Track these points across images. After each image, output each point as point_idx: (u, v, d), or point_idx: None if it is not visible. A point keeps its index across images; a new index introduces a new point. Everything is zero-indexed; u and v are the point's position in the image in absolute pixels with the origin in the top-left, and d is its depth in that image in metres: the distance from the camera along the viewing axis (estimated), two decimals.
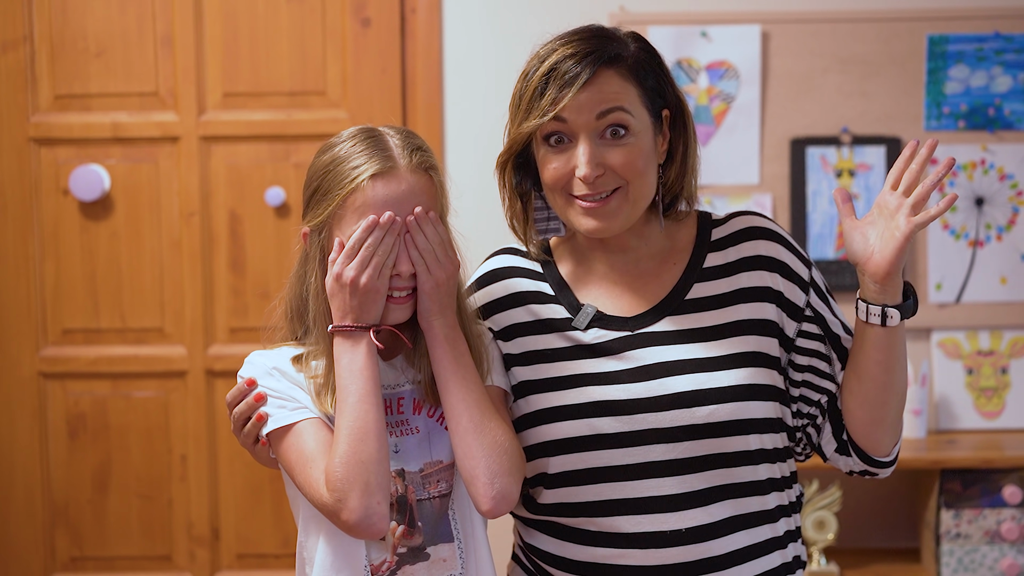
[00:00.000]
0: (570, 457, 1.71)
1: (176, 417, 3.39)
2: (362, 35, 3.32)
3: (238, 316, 3.37)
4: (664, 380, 1.71)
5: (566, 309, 1.78)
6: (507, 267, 1.84)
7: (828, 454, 1.81)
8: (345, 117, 3.31)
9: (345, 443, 1.62)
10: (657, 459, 1.69)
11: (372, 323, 1.66)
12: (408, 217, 1.66)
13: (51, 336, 3.39)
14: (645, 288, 1.77)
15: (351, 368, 1.65)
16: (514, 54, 3.23)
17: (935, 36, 3.25)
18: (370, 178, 1.65)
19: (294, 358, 1.73)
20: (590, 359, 1.74)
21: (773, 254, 1.77)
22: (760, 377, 1.72)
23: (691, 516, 1.70)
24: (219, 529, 3.41)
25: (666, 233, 1.79)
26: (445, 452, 1.72)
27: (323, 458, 1.64)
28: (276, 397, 1.70)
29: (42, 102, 3.36)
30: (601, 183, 1.69)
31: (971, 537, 3.10)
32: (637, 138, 1.69)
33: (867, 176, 3.29)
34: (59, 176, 3.36)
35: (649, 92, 1.72)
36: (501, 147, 1.75)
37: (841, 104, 3.28)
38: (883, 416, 1.74)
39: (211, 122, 3.35)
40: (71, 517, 3.40)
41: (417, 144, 1.71)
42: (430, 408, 1.73)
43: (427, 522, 1.71)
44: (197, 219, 3.35)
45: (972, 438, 3.25)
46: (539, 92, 1.69)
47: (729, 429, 1.70)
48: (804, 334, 1.77)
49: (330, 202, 1.67)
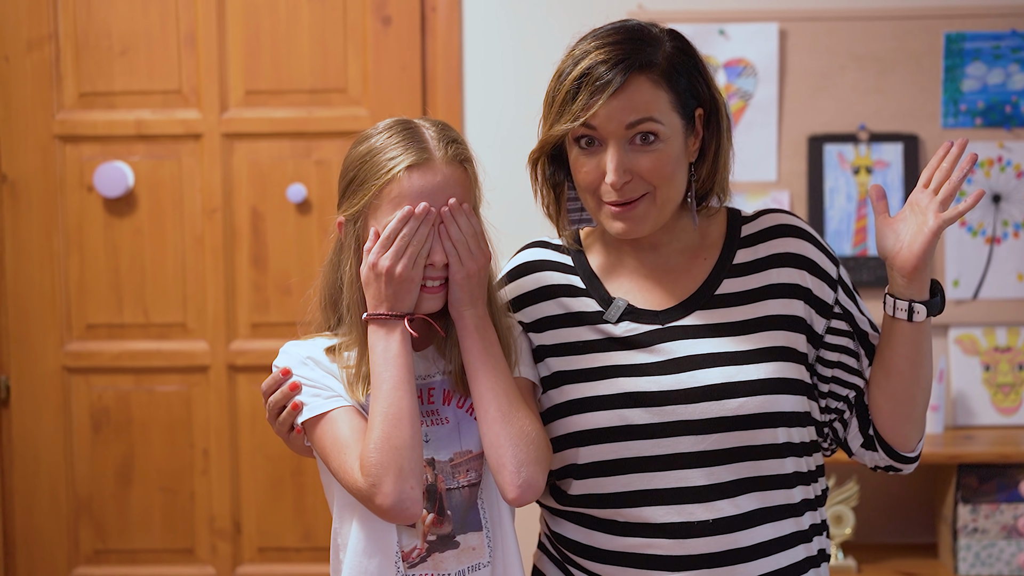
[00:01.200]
0: (600, 447, 1.73)
1: (198, 411, 3.40)
2: (383, 33, 3.32)
3: (260, 311, 3.38)
4: (694, 372, 1.72)
5: (597, 302, 1.79)
6: (538, 260, 1.85)
7: (854, 449, 1.83)
8: (365, 115, 3.31)
9: (380, 428, 1.64)
10: (686, 451, 1.71)
11: (406, 312, 1.68)
12: (442, 208, 1.68)
13: (75, 331, 3.40)
14: (675, 283, 1.79)
15: (386, 355, 1.66)
16: (534, 52, 3.34)
17: (952, 34, 3.25)
18: (406, 169, 1.67)
19: (328, 348, 1.74)
20: (621, 351, 1.75)
21: (802, 252, 1.79)
22: (788, 371, 1.74)
23: (718, 507, 1.71)
24: (240, 522, 3.42)
25: (696, 229, 1.81)
26: (474, 442, 1.73)
27: (357, 445, 1.66)
28: (311, 386, 1.72)
29: (67, 100, 3.37)
30: (629, 189, 1.71)
31: (988, 532, 3.10)
32: (666, 144, 1.71)
33: (884, 173, 3.28)
34: (83, 173, 3.37)
35: (682, 95, 1.72)
36: (521, 145, 1.78)
37: (858, 101, 3.28)
38: (910, 411, 1.76)
39: (233, 119, 3.36)
40: (95, 510, 3.42)
41: (452, 136, 1.72)
42: (460, 398, 1.74)
43: (456, 511, 1.72)
44: (219, 215, 3.36)
45: (989, 434, 3.25)
46: (571, 96, 1.70)
47: (758, 422, 1.71)
48: (833, 331, 1.79)
49: (366, 192, 1.69)
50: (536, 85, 3.34)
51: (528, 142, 1.79)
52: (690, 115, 1.74)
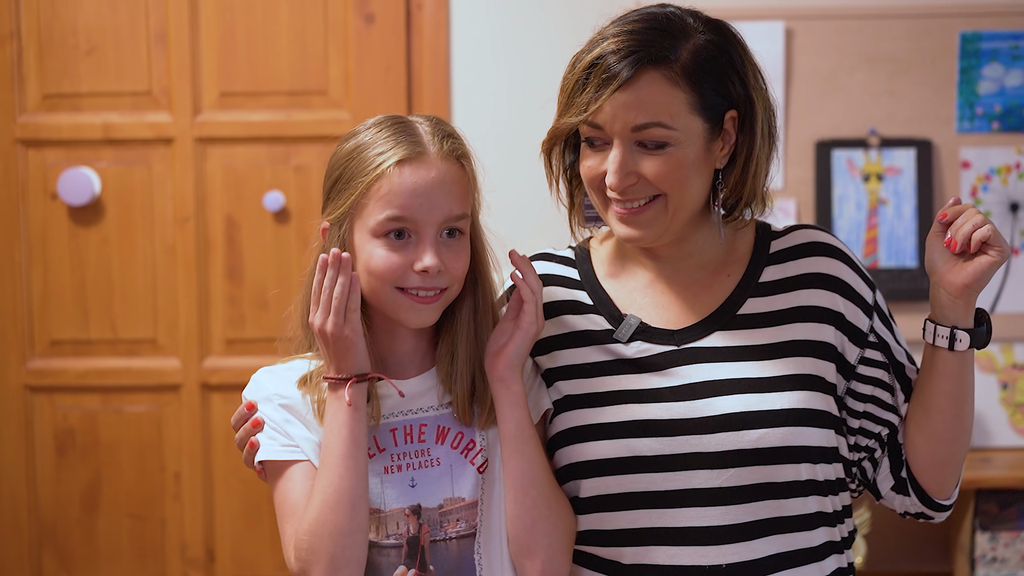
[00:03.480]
0: (604, 480, 1.63)
1: (170, 433, 3.36)
2: (365, 32, 3.30)
3: (235, 327, 3.34)
4: (711, 400, 1.62)
5: (606, 320, 1.69)
6: (541, 275, 1.74)
7: (883, 492, 1.73)
8: (347, 118, 3.29)
9: (316, 511, 1.54)
10: (700, 486, 1.61)
11: (353, 373, 1.55)
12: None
13: (38, 348, 3.36)
14: (694, 299, 1.69)
15: (332, 425, 1.55)
16: (525, 51, 3.33)
17: (968, 33, 3.20)
18: (396, 164, 1.56)
19: (301, 379, 1.61)
20: (631, 374, 1.65)
21: (836, 273, 1.69)
22: (815, 402, 1.64)
23: (733, 551, 1.61)
24: (214, 550, 3.37)
25: (721, 242, 1.71)
26: (468, 489, 1.60)
27: (296, 515, 1.56)
28: (271, 428, 1.61)
29: (30, 102, 3.34)
30: (633, 191, 1.62)
31: (1008, 561, 3.04)
32: (678, 148, 1.60)
33: (896, 180, 3.23)
34: (47, 179, 3.33)
35: (706, 95, 1.61)
36: (512, 148, 1.75)
37: (869, 104, 3.23)
38: (950, 454, 1.67)
39: (207, 123, 3.32)
40: (59, 537, 3.38)
41: (448, 131, 1.63)
42: (456, 438, 1.61)
43: (441, 565, 1.59)
44: (192, 225, 3.32)
45: (1008, 456, 3.19)
46: (580, 86, 1.62)
47: (780, 456, 1.61)
48: (867, 361, 1.69)
49: (352, 191, 1.57)
50: (527, 85, 3.38)
51: (519, 145, 1.69)
52: (717, 117, 1.63)
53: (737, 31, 1.67)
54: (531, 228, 2.90)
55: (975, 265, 1.58)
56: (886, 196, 3.21)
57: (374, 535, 1.57)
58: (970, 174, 3.21)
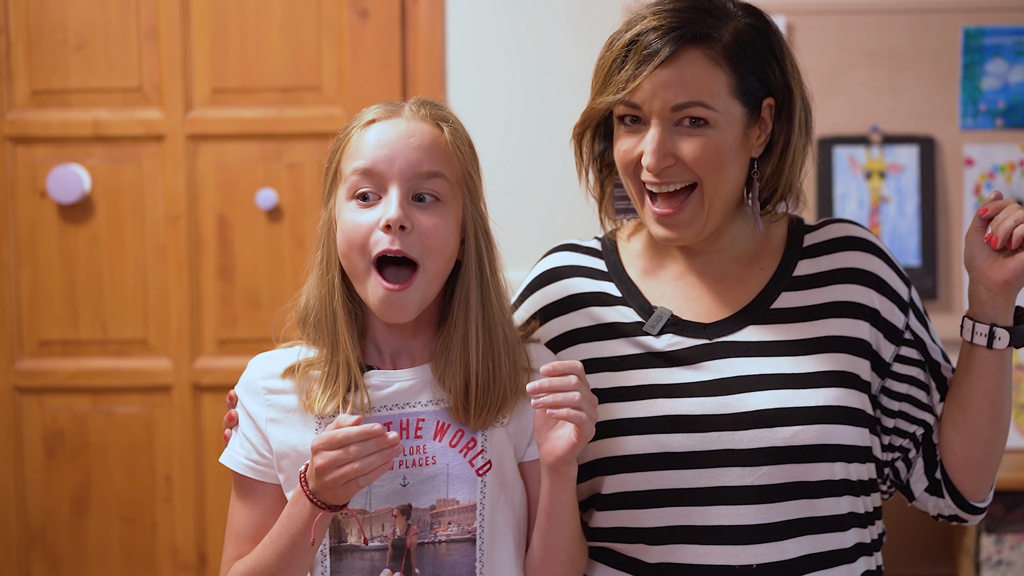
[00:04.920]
0: (632, 476, 1.61)
1: (160, 434, 3.34)
2: (360, 27, 3.28)
3: (227, 327, 3.32)
4: (743, 396, 1.61)
5: (635, 312, 1.67)
6: (565, 266, 1.73)
7: (917, 493, 1.71)
8: (341, 114, 3.26)
9: (248, 571, 1.54)
10: (731, 484, 1.59)
11: (331, 505, 1.47)
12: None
13: (27, 348, 3.34)
14: (727, 292, 1.67)
15: (287, 523, 1.50)
16: (523, 46, 3.29)
17: (971, 28, 3.18)
18: (366, 123, 1.54)
19: (287, 369, 1.56)
20: (661, 368, 1.63)
21: (871, 268, 1.68)
22: (850, 399, 1.61)
23: (764, 551, 1.59)
24: (206, 554, 3.35)
25: (753, 234, 1.69)
26: (464, 492, 1.54)
27: (240, 542, 1.55)
28: (244, 433, 1.58)
29: (18, 98, 3.31)
30: (670, 174, 1.59)
31: (1014, 564, 3.01)
32: (716, 131, 1.58)
33: (899, 178, 3.20)
34: (36, 177, 3.31)
35: (745, 79, 1.59)
36: (510, 145, 1.74)
37: (870, 101, 3.20)
38: (986, 455, 1.65)
39: (198, 120, 3.30)
40: (48, 541, 3.35)
41: (433, 103, 1.58)
42: (455, 435, 1.55)
43: (428, 569, 1.54)
44: (183, 223, 3.31)
45: (1014, 458, 3.14)
46: (618, 64, 1.59)
47: (813, 455, 1.59)
48: (902, 359, 1.67)
49: (331, 162, 1.55)
50: (525, 81, 3.34)
51: (518, 142, 1.65)
52: (755, 103, 1.61)
53: (773, 20, 1.65)
54: (527, 224, 2.85)
55: (1016, 261, 1.55)
56: (888, 194, 3.19)
57: (355, 539, 1.52)
58: (973, 171, 3.18)
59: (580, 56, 3.36)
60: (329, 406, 1.51)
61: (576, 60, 3.26)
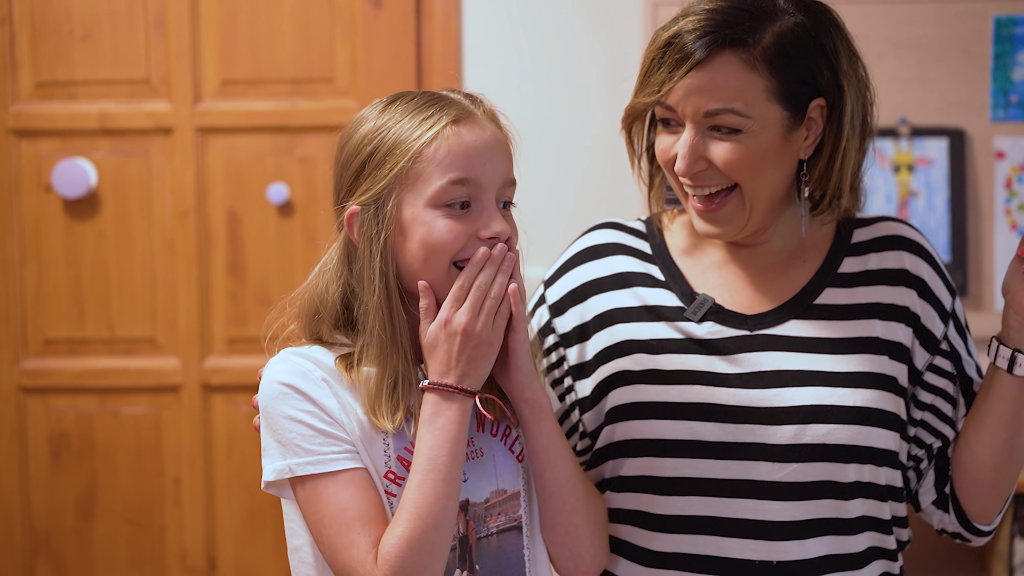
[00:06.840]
0: (660, 461, 1.61)
1: (169, 435, 3.33)
2: (373, 16, 3.27)
3: (237, 325, 3.31)
4: (780, 390, 1.60)
5: (678, 297, 1.67)
6: (610, 243, 1.73)
7: (924, 505, 1.70)
8: (354, 106, 3.24)
9: (418, 525, 1.43)
10: (760, 478, 1.59)
11: (476, 388, 1.47)
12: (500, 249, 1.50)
13: (32, 347, 3.33)
14: (770, 285, 1.66)
15: (440, 438, 1.45)
16: (540, 37, 3.28)
17: (1002, 18, 3.15)
18: (452, 123, 1.49)
19: (341, 357, 1.50)
20: (700, 355, 1.63)
21: (917, 271, 1.66)
22: (887, 403, 1.60)
23: (786, 549, 1.59)
24: (216, 558, 3.34)
25: (800, 228, 1.68)
26: (509, 480, 1.55)
27: (371, 524, 1.44)
28: (314, 429, 1.47)
29: (23, 90, 3.30)
30: (703, 178, 1.59)
31: None
32: (750, 136, 1.57)
33: (928, 171, 3.16)
34: (41, 171, 3.31)
35: (787, 82, 1.57)
36: (526, 139, 1.67)
37: (898, 93, 3.17)
38: (996, 479, 1.64)
39: (208, 112, 3.29)
40: (53, 545, 3.35)
41: (477, 95, 1.56)
42: (493, 425, 1.54)
43: (485, 563, 1.53)
44: (192, 218, 3.30)
45: None
46: (656, 64, 1.60)
47: (845, 455, 1.58)
48: (935, 369, 1.66)
49: (396, 160, 1.47)
50: (543, 72, 3.29)
51: (535, 135, 1.64)
52: (800, 105, 1.58)
53: (836, 14, 1.62)
54: (546, 217, 2.80)
55: None
56: (917, 188, 3.16)
57: None
58: (1004, 165, 3.14)
59: (596, 47, 3.34)
60: (397, 418, 1.49)
61: (592, 51, 3.24)
